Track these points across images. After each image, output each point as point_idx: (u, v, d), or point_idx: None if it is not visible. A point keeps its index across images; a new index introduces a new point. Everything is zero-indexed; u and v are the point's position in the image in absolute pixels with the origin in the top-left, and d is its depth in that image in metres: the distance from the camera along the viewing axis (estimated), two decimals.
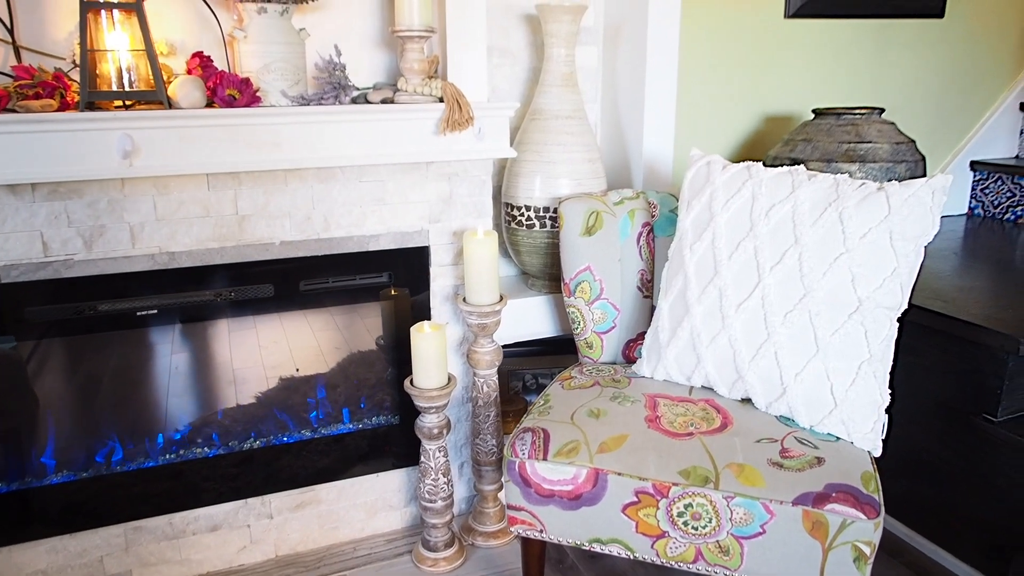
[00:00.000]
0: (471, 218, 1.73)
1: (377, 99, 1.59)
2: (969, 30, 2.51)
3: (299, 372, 1.78)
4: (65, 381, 1.55)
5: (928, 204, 1.31)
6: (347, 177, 1.60)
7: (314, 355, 1.79)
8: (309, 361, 1.79)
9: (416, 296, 1.77)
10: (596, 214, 1.66)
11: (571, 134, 1.79)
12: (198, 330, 1.64)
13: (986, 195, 2.67)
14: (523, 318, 1.88)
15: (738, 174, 1.49)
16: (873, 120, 1.93)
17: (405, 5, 1.53)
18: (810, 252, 1.36)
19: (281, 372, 1.76)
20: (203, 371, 1.68)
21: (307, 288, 1.65)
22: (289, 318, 1.69)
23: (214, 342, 1.68)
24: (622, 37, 1.94)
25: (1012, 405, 1.57)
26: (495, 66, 1.92)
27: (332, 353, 1.81)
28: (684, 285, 1.50)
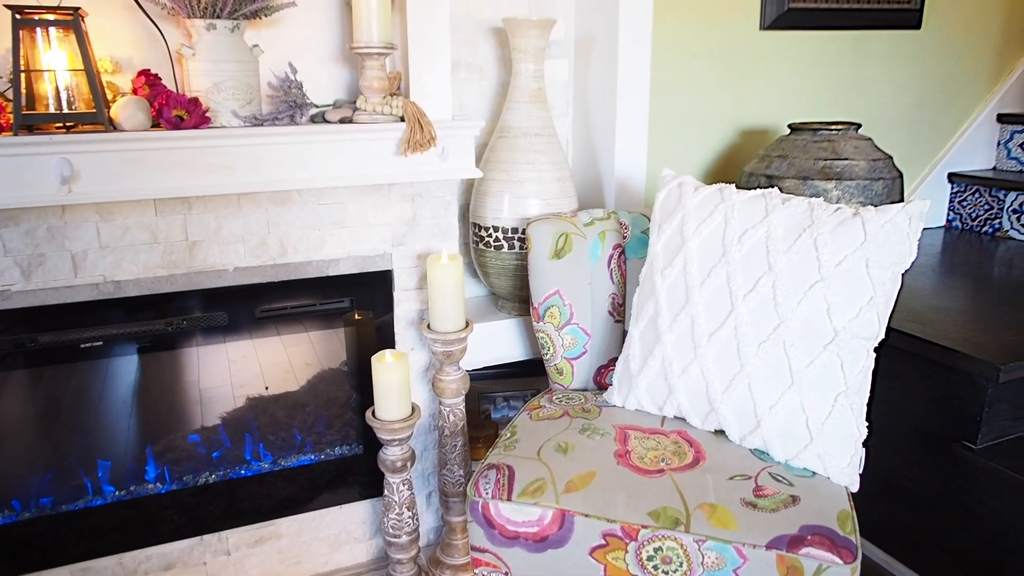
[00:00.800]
0: (436, 240, 1.66)
1: (335, 118, 1.52)
2: (946, 41, 2.48)
3: (257, 400, 1.70)
4: (4, 417, 1.47)
5: (905, 231, 1.27)
6: (304, 200, 1.53)
7: (274, 383, 1.72)
8: (269, 388, 1.71)
9: (381, 319, 1.70)
10: (565, 236, 1.60)
11: (540, 152, 1.73)
12: (149, 361, 1.56)
13: (964, 207, 2.64)
14: (493, 342, 1.81)
15: (710, 197, 1.44)
16: (850, 136, 1.89)
17: (363, 21, 1.46)
18: (784, 280, 1.31)
19: (238, 401, 1.69)
20: (153, 403, 1.60)
21: (263, 315, 1.58)
22: (246, 346, 1.62)
23: (166, 373, 1.60)
24: (593, 50, 1.89)
25: (992, 432, 1.53)
26: (462, 81, 1.86)
27: (293, 380, 1.74)
28: (655, 312, 1.44)
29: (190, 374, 1.61)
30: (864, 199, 1.80)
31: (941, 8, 2.43)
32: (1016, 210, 2.49)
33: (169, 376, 1.61)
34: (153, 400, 1.60)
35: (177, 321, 1.51)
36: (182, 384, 1.62)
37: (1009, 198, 2.50)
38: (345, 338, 1.73)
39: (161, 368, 1.59)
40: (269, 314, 1.58)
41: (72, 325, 1.42)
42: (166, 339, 1.54)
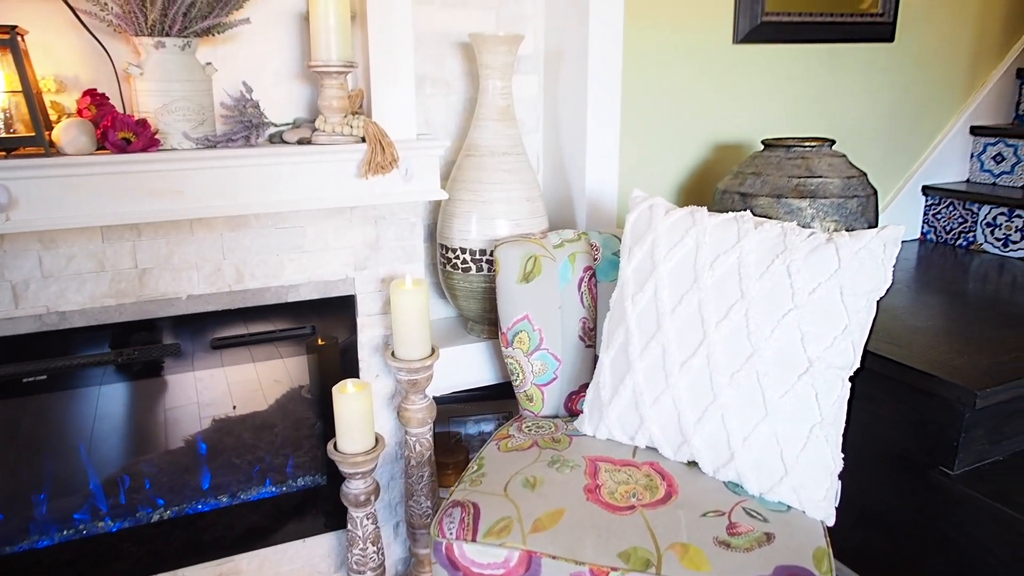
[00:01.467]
0: (400, 263, 1.61)
1: (293, 139, 1.46)
2: (919, 54, 2.47)
3: (216, 430, 1.64)
4: None
5: (880, 257, 1.23)
6: (262, 224, 1.47)
7: (232, 413, 1.65)
8: (227, 420, 1.65)
9: (344, 345, 1.64)
10: (534, 259, 1.56)
11: (508, 171, 1.68)
12: (98, 394, 1.49)
13: (938, 220, 2.63)
14: (462, 366, 1.76)
15: (681, 220, 1.39)
16: (824, 153, 1.86)
17: (321, 38, 1.40)
18: (757, 308, 1.27)
19: (194, 430, 1.62)
20: (103, 439, 1.53)
21: (219, 344, 1.51)
22: (201, 377, 1.55)
23: (116, 406, 1.53)
24: (562, 66, 1.85)
25: (969, 457, 1.50)
26: (428, 96, 1.81)
27: (252, 410, 1.67)
28: (626, 339, 1.40)
29: (142, 406, 1.54)
30: (839, 217, 1.77)
31: (914, 21, 2.41)
32: (990, 223, 2.48)
33: (120, 409, 1.53)
34: (103, 434, 1.52)
35: (127, 352, 1.44)
36: (132, 417, 1.55)
37: (983, 211, 2.49)
38: (308, 365, 1.67)
39: (111, 401, 1.52)
40: (226, 343, 1.52)
41: (13, 359, 1.35)
42: (116, 371, 1.46)
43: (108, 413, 1.52)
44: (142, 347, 1.44)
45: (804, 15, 2.20)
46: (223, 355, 1.54)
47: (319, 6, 1.39)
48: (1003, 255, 2.45)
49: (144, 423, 1.56)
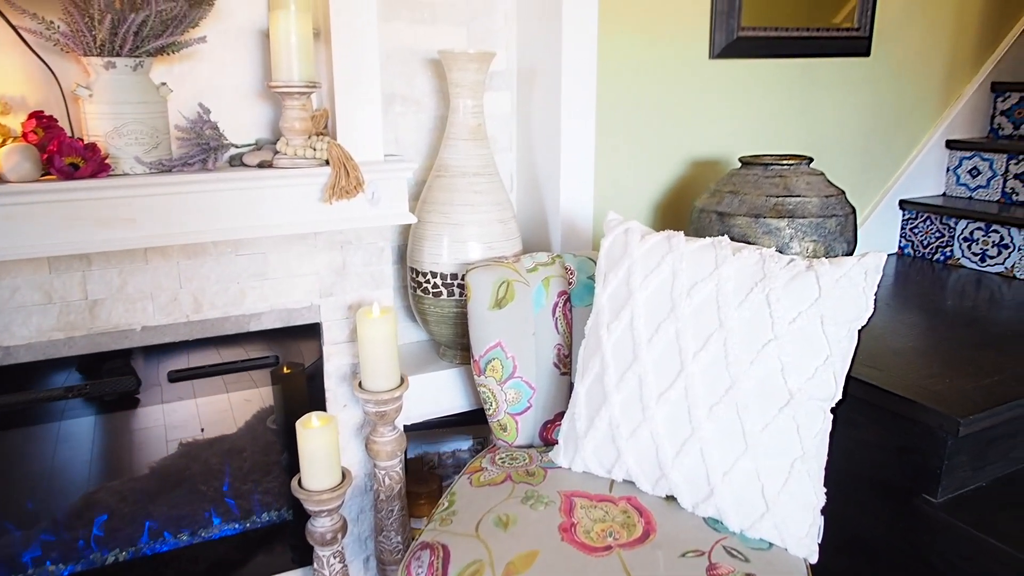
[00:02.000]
0: (368, 289, 1.55)
1: (254, 162, 1.40)
2: (895, 69, 2.46)
3: (174, 467, 1.56)
4: None
5: (861, 285, 1.19)
6: (221, 251, 1.40)
7: (193, 447, 1.58)
8: (186, 454, 1.58)
9: (311, 374, 1.58)
10: (507, 284, 1.50)
11: (480, 192, 1.63)
12: (47, 433, 1.41)
13: (915, 235, 2.62)
14: (434, 393, 1.70)
15: (657, 246, 1.35)
16: (802, 171, 1.83)
17: (283, 57, 1.34)
18: (736, 338, 1.22)
19: (151, 464, 1.55)
20: (53, 482, 1.45)
21: (177, 377, 1.44)
22: (159, 411, 1.48)
23: (68, 446, 1.45)
24: (536, 82, 1.80)
25: (952, 484, 1.47)
26: (398, 115, 1.75)
27: (214, 442, 1.60)
28: (601, 369, 1.35)
29: (96, 444, 1.47)
30: (817, 237, 1.74)
31: (890, 35, 2.40)
32: (967, 238, 2.47)
33: (71, 450, 1.46)
34: (53, 476, 1.45)
35: (78, 388, 1.36)
36: (85, 456, 1.47)
37: (960, 226, 2.48)
38: (273, 395, 1.61)
39: (61, 441, 1.44)
40: (184, 375, 1.45)
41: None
42: (66, 408, 1.39)
43: (61, 450, 1.45)
44: (94, 382, 1.37)
45: (780, 30, 2.18)
46: (184, 388, 1.48)
47: (280, 24, 1.33)
48: (980, 270, 2.44)
49: (102, 458, 1.49)
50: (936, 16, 2.48)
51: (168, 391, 1.49)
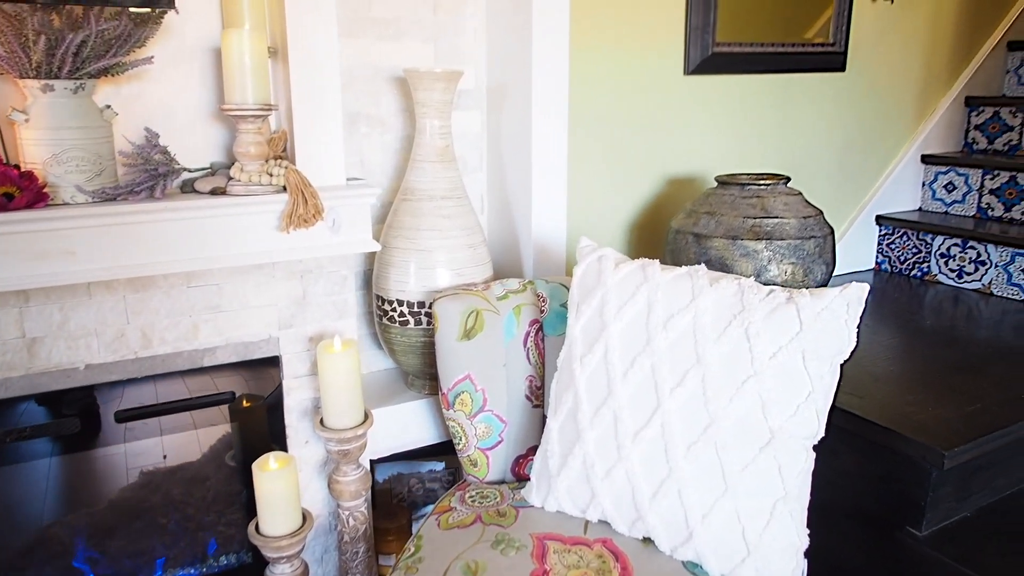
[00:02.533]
0: (330, 320, 1.47)
1: (206, 189, 1.32)
2: (870, 83, 2.43)
3: (134, 499, 1.48)
4: None
5: (843, 318, 1.15)
6: (171, 283, 1.32)
7: (154, 476, 1.50)
8: (147, 484, 1.49)
9: (271, 409, 1.50)
10: (476, 313, 1.44)
11: (448, 217, 1.56)
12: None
13: (892, 250, 2.59)
14: (402, 426, 1.63)
15: (631, 275, 1.29)
16: (779, 191, 1.78)
17: (236, 78, 1.27)
18: (714, 373, 1.17)
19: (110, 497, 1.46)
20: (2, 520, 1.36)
21: (125, 416, 1.36)
22: (105, 455, 1.39)
23: (18, 483, 1.36)
24: (506, 101, 1.74)
25: (936, 516, 1.43)
26: (363, 135, 1.68)
27: (167, 484, 1.52)
28: (575, 404, 1.29)
29: (50, 479, 1.38)
30: (796, 260, 1.70)
31: (865, 50, 2.38)
32: (944, 254, 2.45)
33: (23, 486, 1.37)
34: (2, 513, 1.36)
35: (16, 432, 1.27)
36: (39, 490, 1.38)
37: (936, 242, 2.46)
38: (232, 430, 1.52)
39: (9, 478, 1.35)
40: (133, 415, 1.36)
41: None
42: (6, 453, 1.30)
43: (11, 487, 1.36)
44: (35, 426, 1.28)
45: (756, 45, 2.14)
46: (134, 429, 1.39)
47: (232, 43, 1.26)
48: (958, 286, 2.42)
49: (56, 492, 1.40)
50: (910, 31, 2.47)
51: (116, 431, 1.41)
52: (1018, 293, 2.27)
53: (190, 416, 1.50)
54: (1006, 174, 2.44)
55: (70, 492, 1.42)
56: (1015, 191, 2.42)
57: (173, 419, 1.43)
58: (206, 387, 1.47)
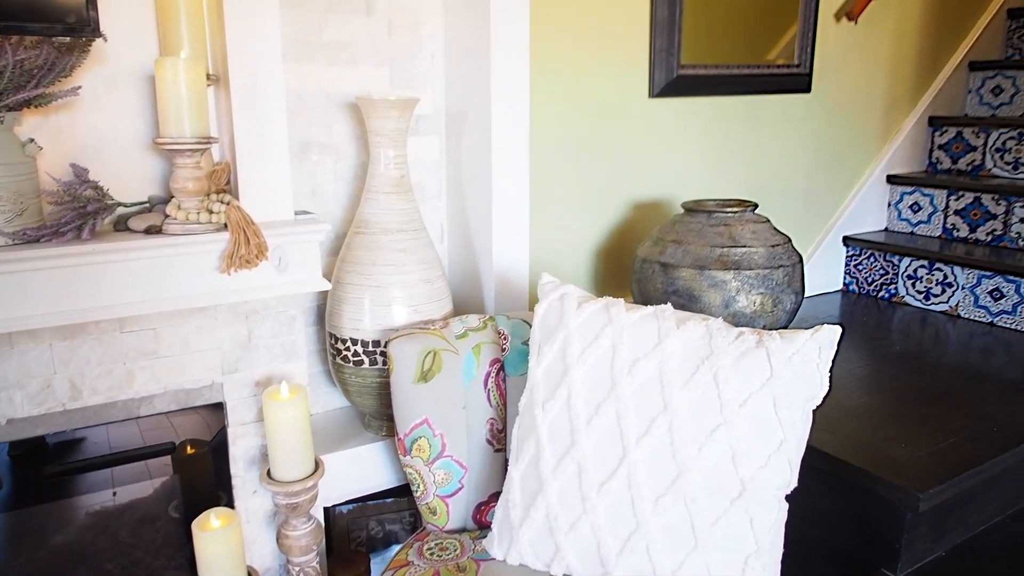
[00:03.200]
0: (279, 363, 1.39)
1: (140, 227, 1.23)
2: (835, 104, 2.42)
3: (79, 544, 1.37)
4: None
5: (815, 362, 1.10)
6: (102, 330, 1.23)
7: (102, 516, 1.40)
8: (94, 526, 1.39)
9: (217, 457, 1.41)
10: (433, 354, 1.37)
11: (404, 251, 1.49)
12: None
13: (860, 271, 2.58)
14: (359, 470, 1.55)
15: (595, 316, 1.23)
16: (746, 219, 1.74)
17: (171, 110, 1.19)
18: (682, 421, 1.11)
19: (54, 542, 1.35)
20: None
21: (53, 475, 1.26)
22: (34, 515, 1.29)
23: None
24: (465, 126, 1.68)
25: (912, 558, 1.39)
26: (315, 164, 1.60)
27: (125, 509, 1.42)
28: (537, 452, 1.22)
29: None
30: (764, 290, 1.66)
31: (830, 72, 2.36)
32: (911, 275, 2.44)
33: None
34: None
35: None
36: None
37: (903, 263, 2.45)
38: (175, 481, 1.43)
39: None
40: (62, 471, 1.26)
41: None
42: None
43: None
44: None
45: (721, 67, 2.10)
46: (65, 488, 1.29)
47: (167, 73, 1.18)
48: (925, 308, 2.41)
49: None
50: (874, 51, 2.46)
51: (51, 486, 1.31)
52: (985, 315, 2.26)
53: (115, 483, 1.40)
54: (971, 195, 2.43)
55: (8, 540, 1.31)
56: (980, 212, 2.42)
57: (95, 490, 1.33)
58: (159, 425, 1.38)
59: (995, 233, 2.39)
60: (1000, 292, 2.21)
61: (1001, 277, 2.20)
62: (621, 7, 1.91)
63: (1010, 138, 2.50)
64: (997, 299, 2.22)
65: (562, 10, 1.82)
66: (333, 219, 1.64)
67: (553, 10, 1.80)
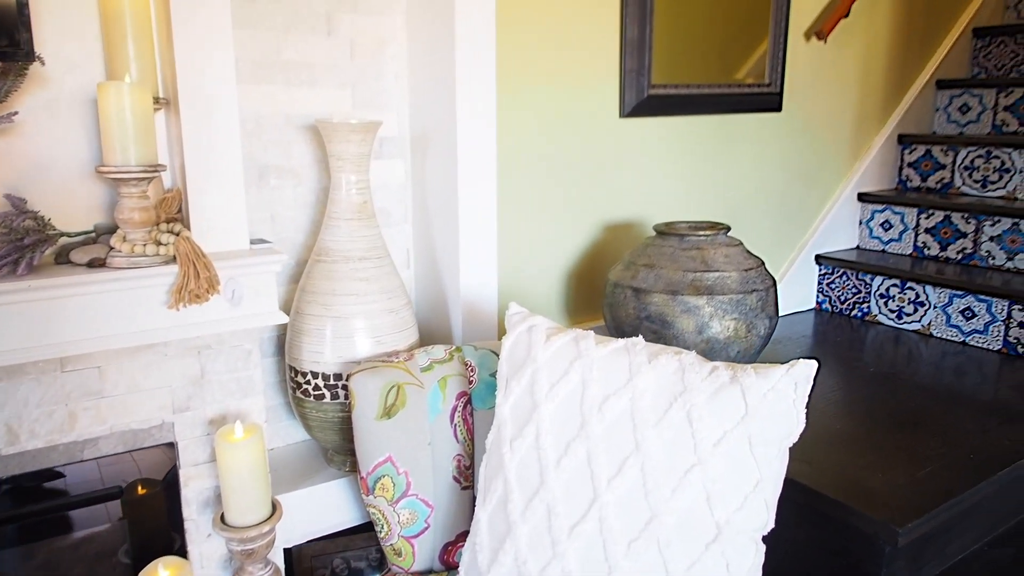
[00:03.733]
0: (234, 400, 1.32)
1: (83, 260, 1.16)
2: (806, 123, 2.41)
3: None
4: None
5: (791, 398, 1.06)
6: (41, 369, 1.16)
7: (52, 552, 1.32)
8: (43, 566, 1.31)
9: (169, 499, 1.34)
10: (397, 388, 1.31)
11: (367, 280, 1.43)
12: None
13: (832, 290, 2.56)
14: (321, 508, 1.48)
15: (564, 350, 1.19)
16: (719, 242, 1.71)
17: (115, 137, 1.12)
18: (655, 462, 1.07)
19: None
20: None
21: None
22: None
23: None
24: (430, 149, 1.63)
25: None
26: (273, 189, 1.54)
27: (81, 544, 1.34)
28: (505, 493, 1.16)
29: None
30: (738, 315, 1.62)
31: (800, 90, 2.35)
32: (883, 294, 2.43)
33: None
34: None
35: None
36: None
37: (876, 282, 2.44)
38: (124, 526, 1.35)
39: None
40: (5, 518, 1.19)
41: None
42: None
43: None
44: None
45: (693, 87, 2.08)
46: (8, 537, 1.21)
47: (110, 98, 1.11)
48: (898, 327, 2.40)
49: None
50: (844, 69, 2.46)
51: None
52: (957, 335, 2.26)
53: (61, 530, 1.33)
54: (941, 213, 2.44)
55: None
56: (950, 230, 2.42)
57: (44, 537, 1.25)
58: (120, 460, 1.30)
59: (965, 252, 2.39)
60: (972, 311, 2.21)
61: (973, 296, 2.20)
62: (590, 28, 1.87)
63: (978, 156, 2.51)
64: (969, 318, 2.22)
65: (530, 30, 1.78)
66: (293, 245, 1.58)
67: (521, 30, 1.76)
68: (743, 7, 2.14)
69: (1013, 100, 2.58)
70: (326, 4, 1.53)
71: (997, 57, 2.78)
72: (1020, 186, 2.43)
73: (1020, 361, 2.09)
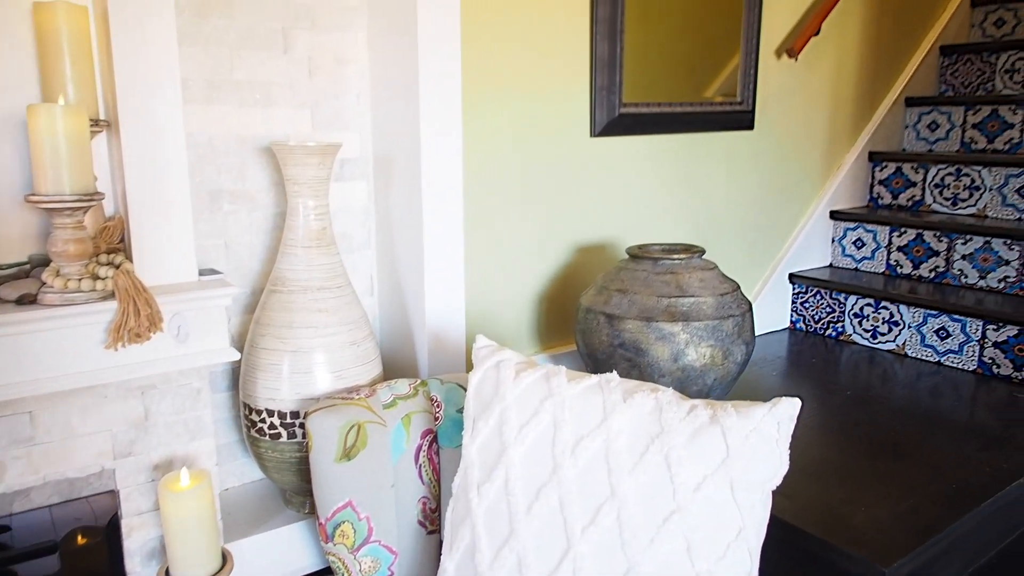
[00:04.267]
0: (181, 443, 1.23)
1: (13, 296, 1.07)
2: (778, 141, 2.38)
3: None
4: None
5: (774, 438, 1.00)
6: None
7: None
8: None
9: (113, 549, 1.24)
10: (358, 428, 1.23)
11: (326, 311, 1.35)
12: None
13: (806, 309, 2.53)
14: (278, 554, 1.39)
15: (534, 387, 1.12)
16: (694, 266, 1.66)
17: (47, 164, 1.04)
18: (631, 510, 1.00)
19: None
20: None
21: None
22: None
23: None
24: (394, 171, 1.56)
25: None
26: (227, 214, 1.46)
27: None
28: (472, 542, 1.09)
29: None
30: (714, 342, 1.57)
31: (772, 108, 2.33)
32: (857, 314, 2.40)
33: None
34: None
35: None
36: None
37: (849, 301, 2.41)
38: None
39: None
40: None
41: None
42: None
43: None
44: None
45: (664, 105, 2.04)
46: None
47: (41, 122, 1.03)
48: (872, 347, 2.37)
49: None
50: (815, 87, 2.44)
51: None
52: (932, 355, 2.23)
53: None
54: (913, 231, 2.42)
55: None
56: (922, 248, 2.41)
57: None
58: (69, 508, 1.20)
59: (938, 270, 2.37)
60: (946, 331, 2.19)
61: (947, 316, 2.18)
62: (560, 46, 1.82)
63: (948, 174, 2.51)
64: (944, 338, 2.20)
65: (498, 48, 1.72)
66: (249, 274, 1.50)
67: (489, 48, 1.71)
68: (714, 25, 2.11)
69: (981, 118, 2.59)
70: (282, 20, 1.46)
71: (964, 75, 2.79)
72: (990, 204, 2.42)
73: (995, 382, 2.07)
